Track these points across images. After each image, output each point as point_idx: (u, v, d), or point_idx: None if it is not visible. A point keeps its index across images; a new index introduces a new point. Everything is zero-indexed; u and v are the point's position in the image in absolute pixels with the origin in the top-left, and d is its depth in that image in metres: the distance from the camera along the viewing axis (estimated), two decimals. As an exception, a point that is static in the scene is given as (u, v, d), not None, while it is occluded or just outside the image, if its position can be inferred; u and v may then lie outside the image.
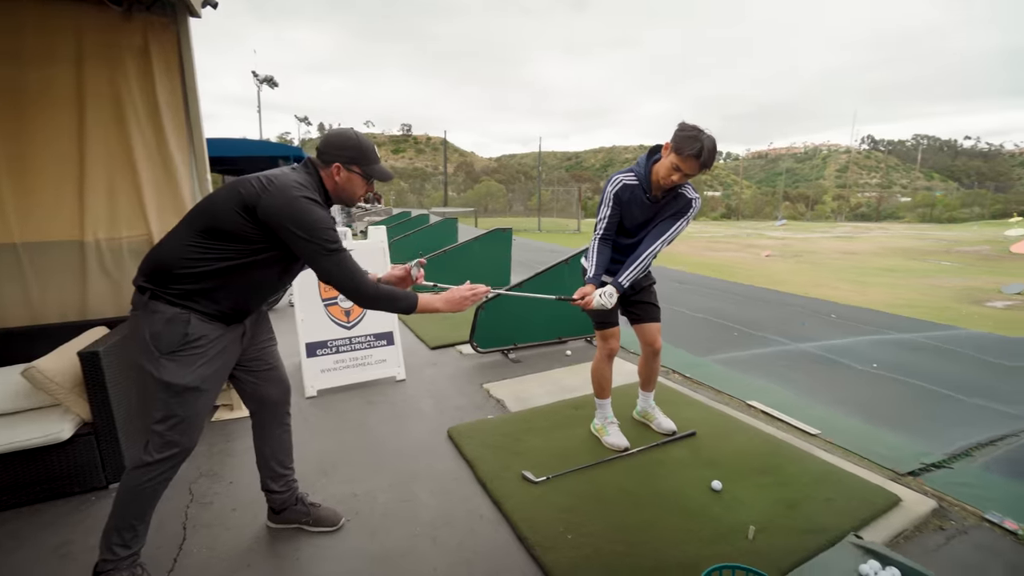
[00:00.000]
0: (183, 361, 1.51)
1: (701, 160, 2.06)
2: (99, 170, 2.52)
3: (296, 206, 1.48)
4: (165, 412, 1.53)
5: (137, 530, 1.60)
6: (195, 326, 1.51)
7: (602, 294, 2.26)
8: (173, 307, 1.50)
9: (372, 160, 1.66)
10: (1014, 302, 7.47)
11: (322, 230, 1.50)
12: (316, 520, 1.95)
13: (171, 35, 2.52)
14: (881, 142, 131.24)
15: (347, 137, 1.63)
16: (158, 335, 1.49)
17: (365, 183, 1.68)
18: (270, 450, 1.89)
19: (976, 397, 3.55)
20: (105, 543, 1.58)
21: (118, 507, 1.58)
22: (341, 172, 1.62)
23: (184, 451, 1.59)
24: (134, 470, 1.56)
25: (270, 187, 1.48)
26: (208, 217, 1.52)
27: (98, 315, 2.62)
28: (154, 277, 1.52)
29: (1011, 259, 13.47)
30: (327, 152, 1.61)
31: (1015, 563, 1.83)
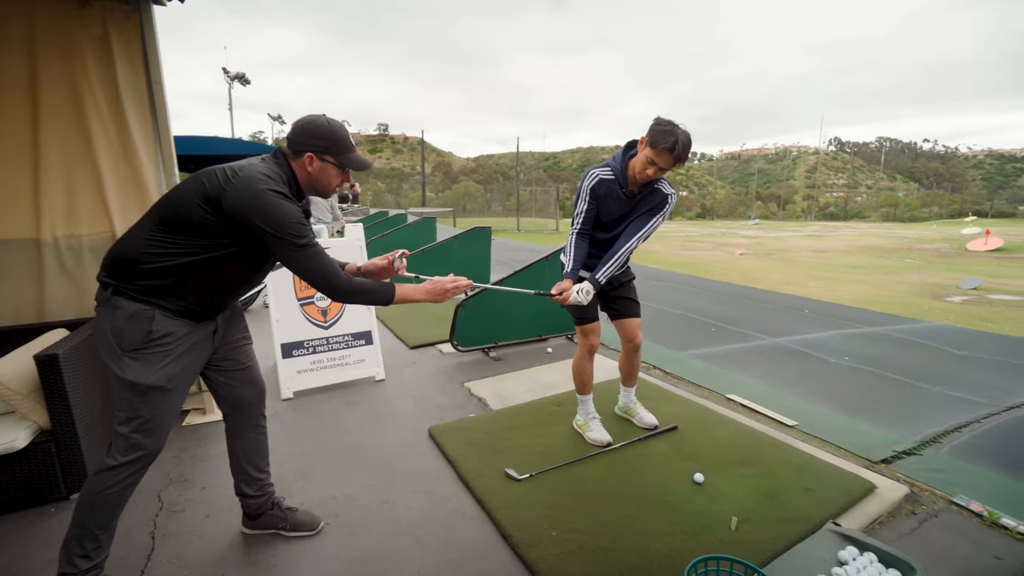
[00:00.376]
0: (147, 359, 1.44)
1: (675, 154, 2.07)
2: (56, 164, 2.39)
3: (262, 200, 1.39)
4: (129, 413, 1.46)
5: (100, 540, 1.51)
6: (160, 323, 1.44)
7: (579, 290, 2.25)
8: (136, 303, 1.42)
9: (346, 148, 1.57)
10: (970, 297, 7.81)
11: (290, 225, 1.42)
12: (294, 525, 1.88)
13: (133, 23, 2.40)
14: (847, 144, 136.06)
15: (318, 125, 1.53)
16: (120, 332, 1.42)
17: (340, 173, 1.60)
18: (244, 452, 1.82)
19: (939, 386, 3.69)
20: (65, 554, 1.48)
21: (79, 515, 1.48)
22: (314, 162, 1.53)
23: (150, 454, 1.50)
24: (97, 475, 1.48)
25: (235, 179, 1.40)
26: (172, 210, 1.44)
27: (57, 317, 2.49)
28: (116, 272, 1.44)
29: (967, 256, 14.11)
30: (298, 141, 1.52)
31: (981, 542, 1.90)
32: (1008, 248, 15.25)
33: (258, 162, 1.50)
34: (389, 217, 12.54)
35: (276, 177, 1.47)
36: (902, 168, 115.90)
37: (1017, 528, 1.95)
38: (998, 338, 5.23)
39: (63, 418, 1.98)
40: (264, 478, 1.87)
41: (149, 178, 2.57)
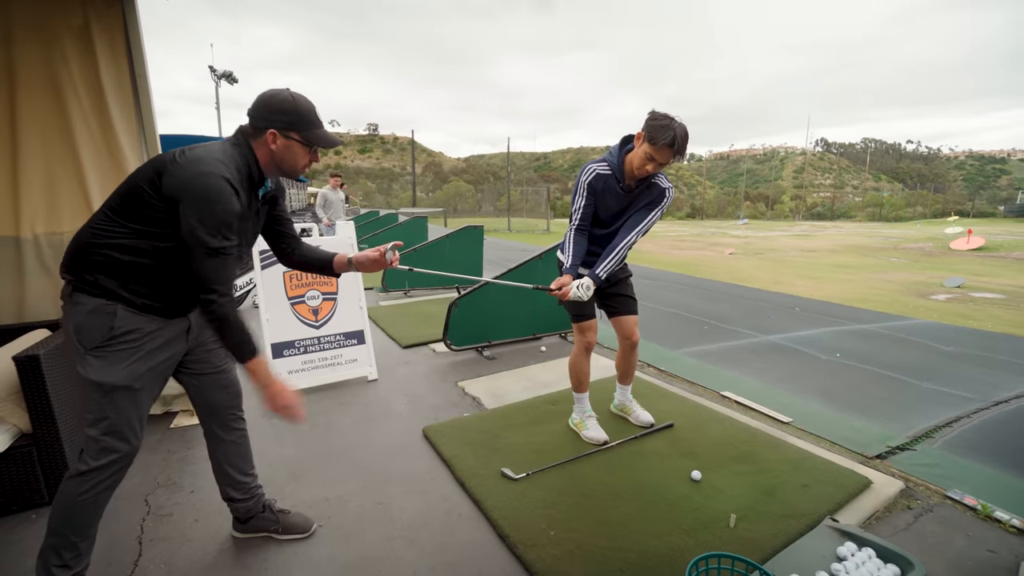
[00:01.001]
0: (110, 358, 1.36)
1: (675, 148, 2.06)
2: (35, 159, 2.32)
3: (200, 183, 1.28)
4: (97, 414, 1.38)
5: (79, 548, 1.43)
6: (123, 318, 1.36)
7: (579, 286, 2.23)
8: (96, 298, 1.34)
9: (313, 124, 1.44)
10: (954, 295, 7.94)
11: (216, 220, 1.29)
12: (286, 527, 1.82)
13: (116, 14, 2.34)
14: (834, 145, 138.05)
15: (281, 99, 1.40)
16: (81, 328, 1.34)
17: (307, 152, 1.47)
18: (224, 457, 1.74)
19: (929, 382, 3.74)
20: (42, 564, 1.41)
21: (54, 522, 1.41)
22: (277, 140, 1.41)
23: (123, 457, 1.42)
24: (69, 480, 1.40)
25: (181, 159, 1.31)
26: (121, 194, 1.35)
27: (38, 317, 2.41)
28: (74, 265, 1.36)
29: (951, 255, 14.37)
30: (259, 117, 1.40)
31: (976, 536, 1.91)
32: (989, 247, 15.56)
33: (216, 145, 1.39)
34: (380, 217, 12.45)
35: (229, 162, 1.35)
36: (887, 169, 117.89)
37: (1010, 522, 1.97)
38: (982, 334, 5.32)
39: (44, 421, 1.91)
40: (250, 481, 1.79)
41: (134, 174, 2.50)
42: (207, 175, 1.29)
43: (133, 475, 2.23)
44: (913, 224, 34.64)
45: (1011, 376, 3.89)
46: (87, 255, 1.35)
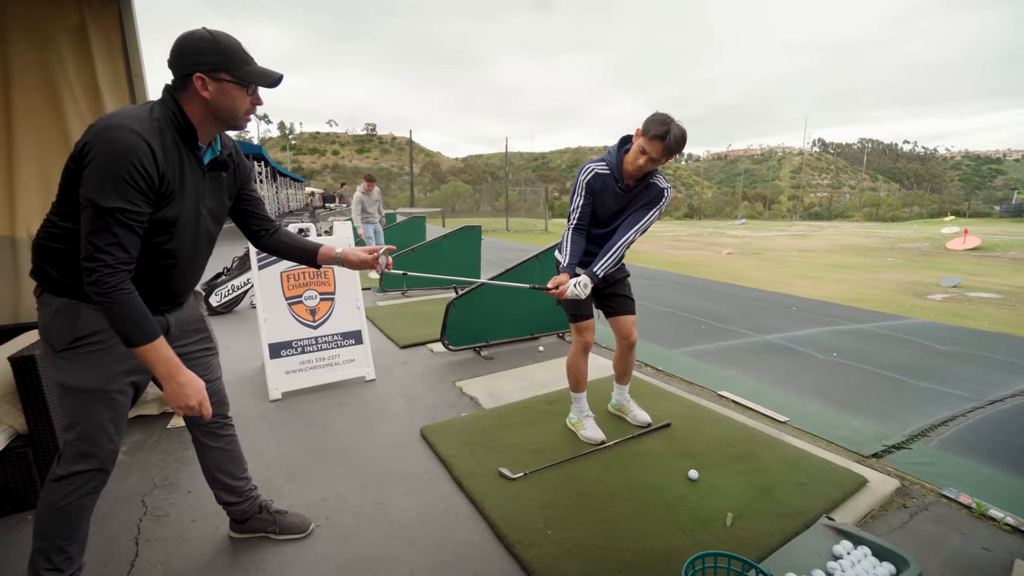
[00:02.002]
0: (79, 360, 1.28)
1: (666, 143, 2.05)
2: (31, 160, 2.31)
3: (101, 136, 1.14)
4: (70, 419, 1.32)
5: (66, 551, 1.39)
6: (88, 318, 1.28)
7: (576, 284, 2.23)
8: (60, 297, 1.27)
9: (243, 60, 1.26)
10: (950, 294, 7.97)
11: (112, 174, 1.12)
12: (283, 528, 1.82)
13: (112, 14, 2.33)
14: (831, 145, 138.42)
15: (199, 38, 1.23)
16: (48, 329, 1.29)
17: (245, 94, 1.29)
18: (214, 464, 1.70)
19: (925, 381, 3.75)
20: (32, 569, 1.38)
21: (39, 527, 1.37)
22: (208, 85, 1.24)
23: (103, 461, 1.36)
24: (48, 485, 1.36)
25: (94, 122, 1.18)
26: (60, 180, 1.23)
27: (34, 317, 2.38)
28: (36, 264, 1.30)
29: (947, 255, 14.42)
30: (179, 63, 1.23)
31: (971, 534, 1.92)
32: (985, 247, 15.63)
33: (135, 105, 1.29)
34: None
35: (142, 115, 1.20)
36: (884, 169, 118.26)
37: (1004, 520, 1.98)
38: (978, 334, 5.34)
39: (41, 422, 1.91)
40: (243, 484, 1.77)
41: (130, 174, 2.49)
42: (111, 127, 1.15)
43: (130, 475, 2.23)
44: (910, 224, 34.77)
45: (1006, 375, 3.91)
46: (43, 252, 1.28)
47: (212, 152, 1.40)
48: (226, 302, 5.38)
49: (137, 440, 2.55)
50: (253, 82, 1.29)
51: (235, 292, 5.43)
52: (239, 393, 3.19)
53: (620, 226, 2.34)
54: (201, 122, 1.29)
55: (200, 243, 1.44)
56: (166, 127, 1.24)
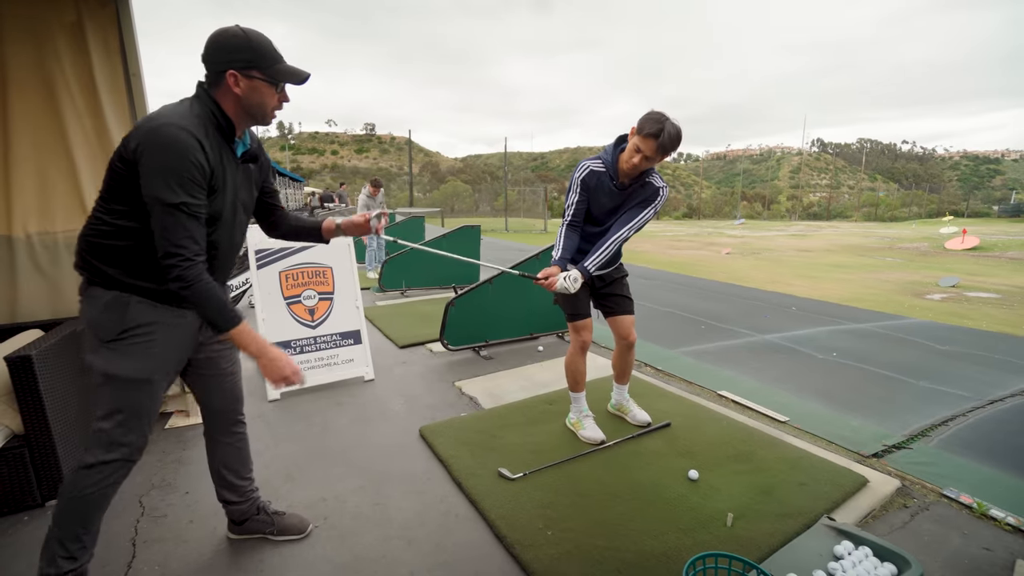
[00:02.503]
0: (126, 350, 1.34)
1: (660, 141, 2.06)
2: (28, 159, 2.29)
3: (154, 135, 1.20)
4: (109, 407, 1.36)
5: (83, 540, 1.42)
6: (136, 310, 1.34)
7: (566, 277, 2.21)
8: (110, 290, 1.33)
9: (274, 59, 1.33)
10: (949, 294, 7.98)
11: (174, 171, 1.19)
12: (281, 529, 1.81)
13: (110, 12, 2.31)
14: (829, 145, 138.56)
15: (232, 35, 1.29)
16: (96, 322, 1.34)
17: (274, 91, 1.36)
18: (221, 460, 1.73)
19: (924, 380, 3.75)
20: (47, 555, 1.40)
21: (60, 515, 1.39)
22: (240, 81, 1.30)
23: (133, 451, 1.42)
24: (75, 474, 1.39)
25: (141, 121, 1.26)
26: (104, 177, 1.30)
27: (30, 317, 2.39)
28: (83, 259, 1.35)
29: (946, 255, 14.44)
30: (213, 59, 1.29)
31: (971, 534, 1.92)
32: (983, 247, 15.65)
33: (176, 102, 1.32)
34: (377, 216, 12.34)
35: (187, 113, 1.27)
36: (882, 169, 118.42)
37: (1005, 520, 1.97)
38: (977, 333, 5.34)
39: (37, 422, 1.90)
40: (246, 485, 1.78)
41: (128, 173, 2.48)
42: (162, 126, 1.21)
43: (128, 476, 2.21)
44: (908, 224, 34.82)
45: (1006, 375, 3.91)
46: (90, 247, 1.34)
47: (243, 145, 1.45)
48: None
49: (135, 440, 2.54)
50: (282, 80, 1.36)
51: (234, 292, 5.42)
52: (237, 393, 3.17)
53: (615, 223, 2.33)
54: (233, 117, 1.36)
55: (236, 234, 1.50)
56: (207, 122, 1.31)
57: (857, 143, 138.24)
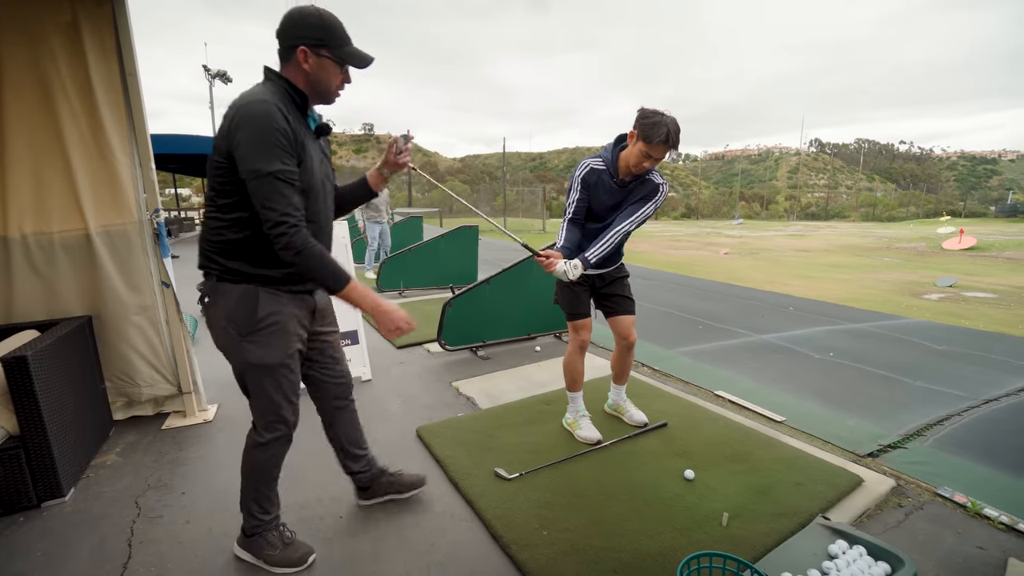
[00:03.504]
0: (264, 340, 1.45)
1: (669, 144, 2.11)
2: (23, 157, 2.29)
3: (243, 112, 1.26)
4: (261, 394, 1.52)
5: (271, 497, 1.67)
6: (265, 301, 1.44)
7: (566, 263, 2.21)
8: (239, 284, 1.42)
9: (344, 41, 1.39)
10: (946, 294, 8.00)
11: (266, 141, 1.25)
12: (405, 486, 2.01)
13: (106, 11, 2.31)
14: (827, 145, 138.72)
15: (308, 14, 1.34)
16: (233, 317, 1.43)
17: (340, 71, 1.42)
18: (344, 436, 1.90)
19: (921, 380, 3.76)
20: (247, 512, 1.65)
21: (249, 482, 1.63)
22: (309, 58, 1.35)
23: (289, 426, 1.61)
24: (251, 451, 1.60)
25: (228, 111, 1.31)
26: (210, 182, 1.40)
27: (26, 318, 2.39)
28: (209, 258, 1.45)
29: (943, 255, 14.47)
30: (288, 35, 1.35)
31: (965, 533, 1.92)
32: (980, 247, 15.69)
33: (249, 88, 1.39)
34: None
35: (266, 89, 1.34)
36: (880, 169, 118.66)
37: (999, 518, 1.98)
38: (974, 333, 5.36)
39: (33, 423, 1.90)
40: (366, 453, 1.97)
41: (124, 173, 2.48)
42: (248, 103, 1.28)
43: (123, 477, 2.22)
44: (906, 224, 34.89)
45: (1002, 374, 3.92)
46: (213, 246, 1.42)
47: (313, 120, 1.51)
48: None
49: (131, 441, 2.53)
50: (348, 62, 1.42)
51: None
52: (235, 393, 3.15)
53: (616, 218, 2.35)
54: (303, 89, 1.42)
55: (329, 207, 1.58)
56: (283, 96, 1.36)
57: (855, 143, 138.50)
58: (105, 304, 2.52)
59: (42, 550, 1.75)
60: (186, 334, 2.76)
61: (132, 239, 2.54)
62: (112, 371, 2.62)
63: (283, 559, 1.65)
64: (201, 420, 2.77)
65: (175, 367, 2.76)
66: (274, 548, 1.65)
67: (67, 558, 1.71)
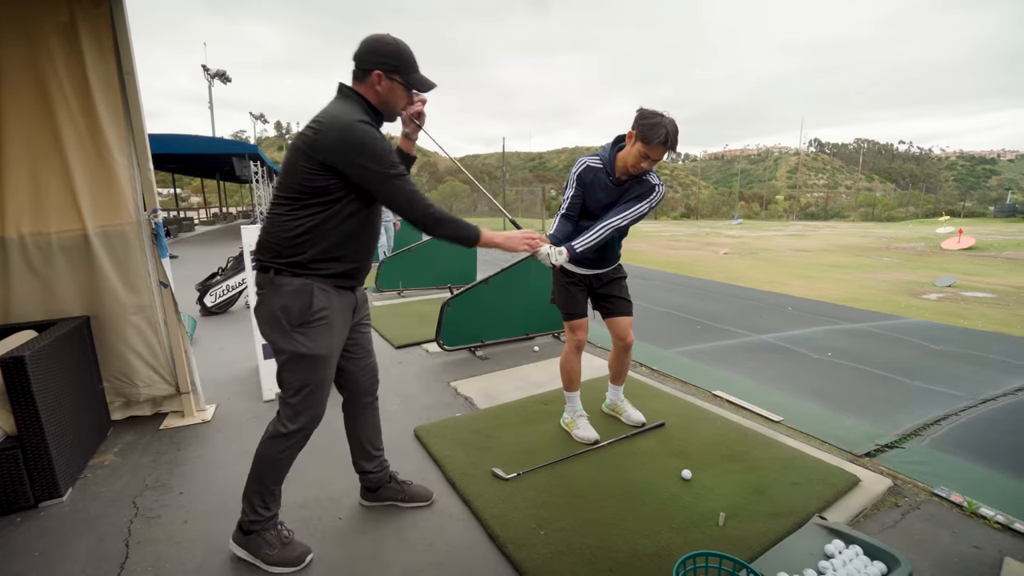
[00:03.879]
0: (312, 333, 1.55)
1: (668, 145, 2.12)
2: (20, 158, 2.29)
3: (347, 134, 1.43)
4: (299, 383, 1.58)
5: (275, 494, 1.70)
6: (318, 296, 1.55)
7: (551, 248, 2.14)
8: (297, 278, 1.53)
9: (414, 68, 1.57)
10: (945, 294, 8.00)
11: (383, 153, 1.45)
12: (410, 496, 2.01)
13: (103, 11, 2.31)
14: (827, 145, 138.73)
15: (385, 42, 1.53)
16: (288, 308, 1.53)
17: (407, 94, 1.60)
18: (364, 434, 1.94)
19: (918, 380, 3.76)
20: (249, 506, 1.67)
21: (259, 475, 1.65)
22: (382, 81, 1.53)
23: (316, 420, 1.66)
24: (270, 441, 1.63)
25: (321, 125, 1.44)
26: (285, 183, 1.50)
27: (24, 318, 2.39)
28: (273, 252, 1.54)
29: (942, 255, 14.48)
30: (365, 59, 1.52)
31: (961, 532, 1.93)
32: (979, 247, 15.70)
33: (332, 106, 1.52)
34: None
35: (354, 109, 1.49)
36: (879, 169, 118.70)
37: (995, 518, 1.98)
38: (972, 333, 5.37)
39: (30, 423, 1.90)
40: (381, 454, 2.00)
41: (122, 173, 2.48)
42: (349, 125, 1.43)
43: (121, 477, 2.22)
44: (905, 224, 34.91)
45: (999, 374, 3.92)
46: (280, 242, 1.52)
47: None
48: (221, 302, 5.36)
49: (129, 441, 2.54)
50: (415, 87, 1.60)
51: (230, 292, 5.42)
52: (233, 393, 3.17)
53: (610, 213, 2.34)
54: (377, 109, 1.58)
55: (381, 217, 1.73)
56: (366, 112, 1.53)
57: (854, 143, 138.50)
58: (103, 304, 2.52)
59: (39, 550, 1.75)
60: (184, 334, 2.76)
61: (130, 239, 2.54)
62: (110, 371, 2.62)
63: (280, 558, 1.65)
64: (199, 420, 2.77)
65: (173, 367, 2.76)
66: (272, 547, 1.66)
67: (64, 558, 1.72)
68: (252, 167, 14.76)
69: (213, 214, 26.86)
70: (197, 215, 25.23)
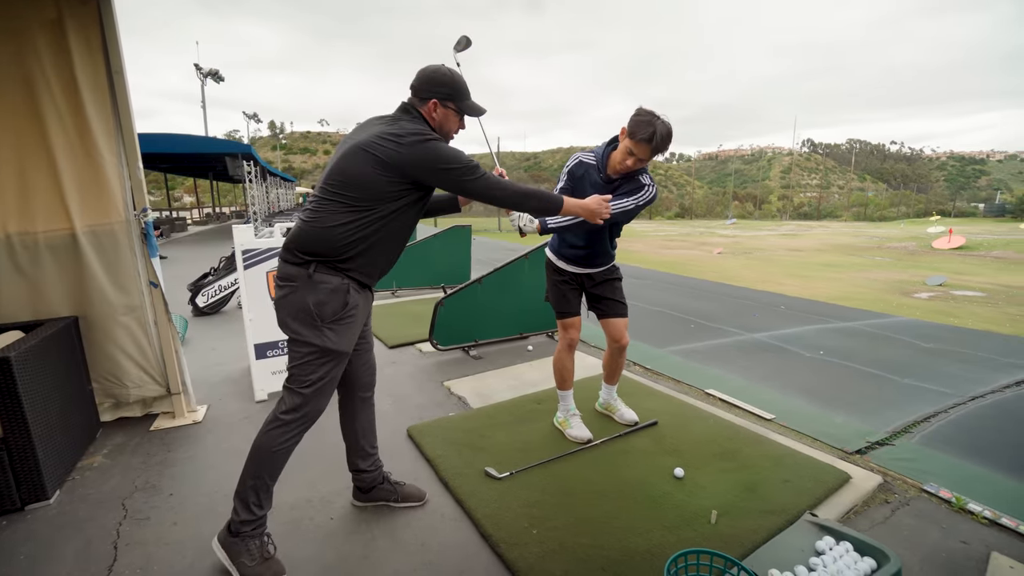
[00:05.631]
0: (341, 329, 1.62)
1: (653, 144, 2.07)
2: (7, 158, 2.26)
3: (439, 150, 1.56)
4: (316, 375, 1.62)
5: (270, 490, 1.68)
6: (352, 296, 1.62)
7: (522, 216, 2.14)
8: (336, 276, 1.59)
9: (466, 96, 1.71)
10: (936, 293, 8.09)
11: (465, 160, 1.59)
12: (403, 497, 2.01)
13: (91, 9, 2.28)
14: (820, 145, 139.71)
15: (441, 73, 1.67)
16: (323, 304, 1.57)
17: (459, 120, 1.74)
18: (362, 431, 1.95)
19: (909, 378, 3.80)
20: (243, 504, 1.63)
21: (255, 468, 1.64)
22: (438, 109, 1.66)
23: (319, 411, 1.68)
24: (271, 431, 1.63)
25: (404, 142, 1.54)
26: (351, 188, 1.56)
27: (11, 319, 2.36)
28: (315, 249, 1.58)
29: (933, 254, 14.63)
30: (423, 89, 1.66)
31: (950, 528, 1.95)
32: (969, 246, 15.88)
33: (406, 122, 1.61)
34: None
35: (422, 126, 1.62)
36: (871, 169, 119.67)
37: (982, 513, 2.00)
38: (962, 331, 5.42)
39: (16, 425, 1.87)
40: (376, 453, 2.01)
41: (111, 173, 2.45)
42: (437, 144, 1.57)
43: (110, 478, 2.20)
44: (897, 223, 35.23)
45: (988, 372, 3.97)
46: (329, 241, 1.57)
47: None
48: (213, 303, 5.32)
49: (119, 443, 2.51)
50: (467, 113, 1.75)
51: (222, 293, 5.38)
52: (225, 394, 3.15)
53: None
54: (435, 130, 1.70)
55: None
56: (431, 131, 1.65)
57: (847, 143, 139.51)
58: (92, 304, 2.50)
59: (25, 553, 1.73)
60: (175, 334, 2.73)
61: (119, 239, 2.51)
62: (99, 372, 2.59)
63: (254, 574, 1.61)
64: (190, 421, 2.75)
65: (164, 368, 2.73)
66: (251, 558, 1.62)
67: (51, 561, 1.70)
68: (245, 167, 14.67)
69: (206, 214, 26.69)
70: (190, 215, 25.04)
